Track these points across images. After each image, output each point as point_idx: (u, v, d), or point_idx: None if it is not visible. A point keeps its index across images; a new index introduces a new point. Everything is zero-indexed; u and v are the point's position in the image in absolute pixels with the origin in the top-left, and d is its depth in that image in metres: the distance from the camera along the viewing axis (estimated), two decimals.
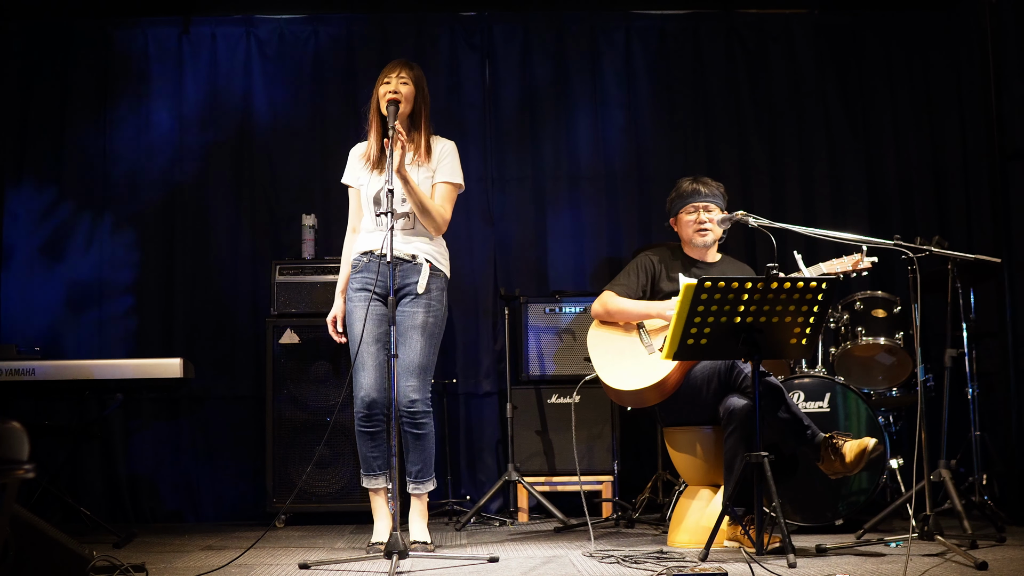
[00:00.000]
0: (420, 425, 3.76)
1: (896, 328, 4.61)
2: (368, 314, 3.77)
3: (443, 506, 5.04)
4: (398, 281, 3.78)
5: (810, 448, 3.67)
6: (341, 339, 3.93)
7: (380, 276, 3.73)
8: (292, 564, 3.45)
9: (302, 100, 5.56)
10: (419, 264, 3.81)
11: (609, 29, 5.67)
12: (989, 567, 3.08)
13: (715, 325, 3.37)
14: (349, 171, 3.99)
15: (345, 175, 3.99)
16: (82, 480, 5.19)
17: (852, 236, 3.74)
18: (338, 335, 3.94)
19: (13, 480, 2.20)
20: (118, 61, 5.49)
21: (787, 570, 3.11)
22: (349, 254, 3.96)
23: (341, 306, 3.94)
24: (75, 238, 5.38)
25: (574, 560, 3.47)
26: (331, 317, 3.96)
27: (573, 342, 5.04)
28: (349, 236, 4.00)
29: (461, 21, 5.65)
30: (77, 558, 2.59)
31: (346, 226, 4.01)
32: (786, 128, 5.66)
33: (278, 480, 4.84)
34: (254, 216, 5.47)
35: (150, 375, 4.35)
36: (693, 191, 4.11)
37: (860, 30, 5.73)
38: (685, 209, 4.12)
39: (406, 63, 3.90)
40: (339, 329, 3.94)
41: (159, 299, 5.38)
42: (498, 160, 5.59)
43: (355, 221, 3.98)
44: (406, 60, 3.93)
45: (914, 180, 5.64)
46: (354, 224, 3.99)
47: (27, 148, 5.40)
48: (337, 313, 3.94)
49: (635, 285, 4.09)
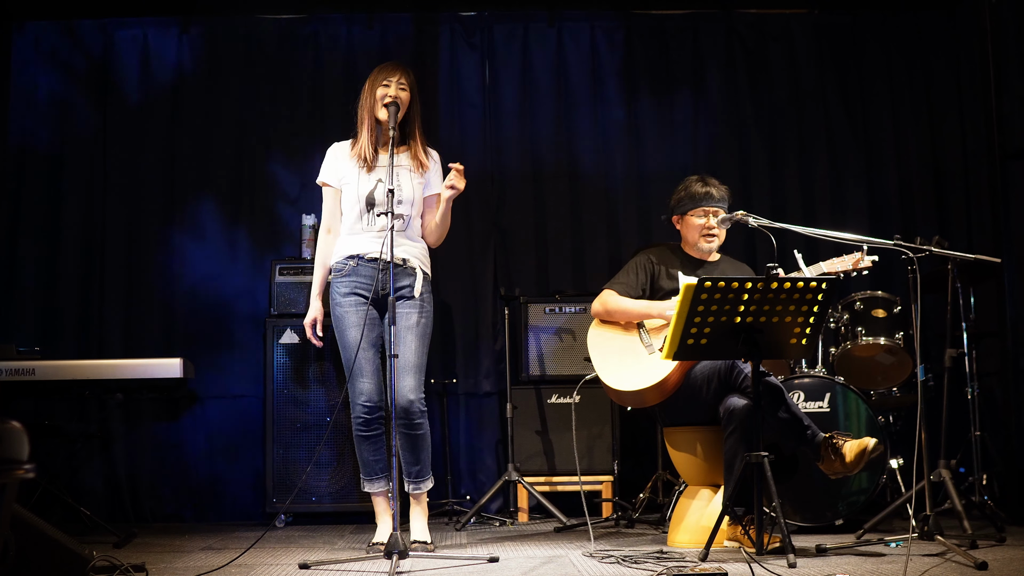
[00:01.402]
0: (418, 425, 3.76)
1: (896, 328, 4.61)
2: (359, 320, 3.75)
3: (443, 506, 5.04)
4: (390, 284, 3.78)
5: (810, 448, 3.67)
6: (319, 343, 3.91)
7: (372, 280, 3.73)
8: (292, 564, 3.45)
9: (302, 99, 5.56)
10: (410, 268, 3.81)
11: (609, 29, 5.67)
12: (989, 567, 3.08)
13: (715, 325, 3.37)
14: (330, 170, 3.93)
15: (325, 174, 3.93)
16: (82, 480, 5.19)
17: (852, 236, 3.74)
18: (317, 339, 3.91)
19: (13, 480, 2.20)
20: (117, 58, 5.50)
21: (787, 570, 3.11)
22: (326, 256, 3.91)
23: (320, 309, 3.90)
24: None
25: (574, 560, 3.47)
26: (309, 320, 3.91)
27: (573, 342, 5.04)
28: (324, 237, 3.94)
29: (461, 21, 5.65)
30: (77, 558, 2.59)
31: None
32: (786, 128, 5.66)
33: (278, 480, 4.84)
34: (254, 216, 5.47)
35: (150, 375, 4.36)
36: (705, 195, 4.08)
37: (860, 30, 5.73)
38: (694, 212, 4.10)
39: (403, 68, 3.90)
40: (318, 333, 3.90)
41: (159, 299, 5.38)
42: (498, 160, 5.58)
43: (331, 221, 3.93)
44: (402, 64, 3.93)
45: (914, 180, 5.63)
46: (329, 224, 3.93)
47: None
48: (317, 316, 3.90)
49: (635, 284, 4.09)
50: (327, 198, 3.94)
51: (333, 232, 3.93)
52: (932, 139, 5.66)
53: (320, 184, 3.96)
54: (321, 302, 3.91)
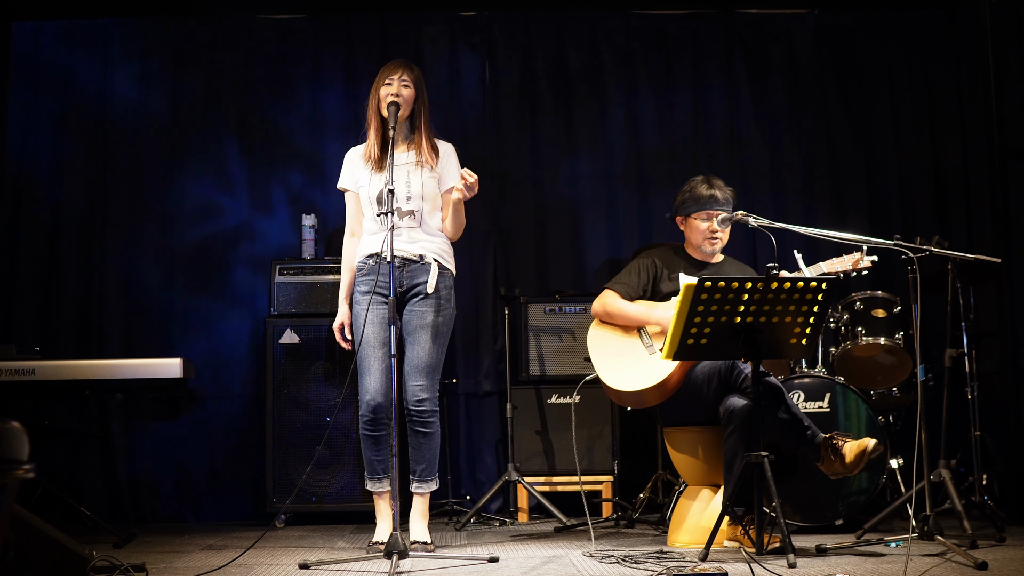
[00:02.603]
0: (428, 424, 3.77)
1: (896, 328, 4.61)
2: (373, 317, 3.76)
3: (443, 506, 5.04)
4: (406, 282, 3.79)
5: (810, 448, 3.67)
6: (348, 346, 3.93)
7: (383, 277, 3.73)
8: (292, 564, 3.45)
9: (302, 99, 5.56)
10: (427, 264, 3.81)
11: (609, 29, 5.66)
12: (989, 567, 3.08)
13: (715, 325, 3.37)
14: (347, 175, 3.96)
15: (343, 180, 3.97)
16: (82, 480, 5.19)
17: (852, 236, 3.74)
18: (346, 343, 3.93)
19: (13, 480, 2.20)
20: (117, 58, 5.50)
21: (787, 570, 3.11)
22: (351, 259, 3.94)
23: (347, 313, 3.92)
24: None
25: (574, 560, 3.47)
26: (337, 324, 3.94)
27: (573, 342, 5.04)
28: (348, 241, 3.98)
29: (461, 21, 5.65)
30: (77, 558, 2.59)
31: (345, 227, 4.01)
32: (786, 128, 5.66)
33: (278, 480, 4.84)
34: (254, 216, 5.47)
35: (150, 375, 4.36)
36: (710, 198, 4.06)
37: (860, 30, 5.73)
38: (699, 215, 4.08)
39: (407, 65, 3.90)
40: (347, 336, 3.92)
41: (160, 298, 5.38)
42: (498, 160, 5.58)
43: (354, 225, 3.97)
44: (406, 61, 3.93)
45: (914, 180, 5.63)
46: (352, 228, 3.97)
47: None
48: (344, 320, 3.93)
49: (636, 284, 4.09)
50: (349, 203, 3.98)
51: (357, 235, 3.95)
52: (932, 139, 5.66)
53: (340, 190, 4.00)
54: (348, 306, 3.92)
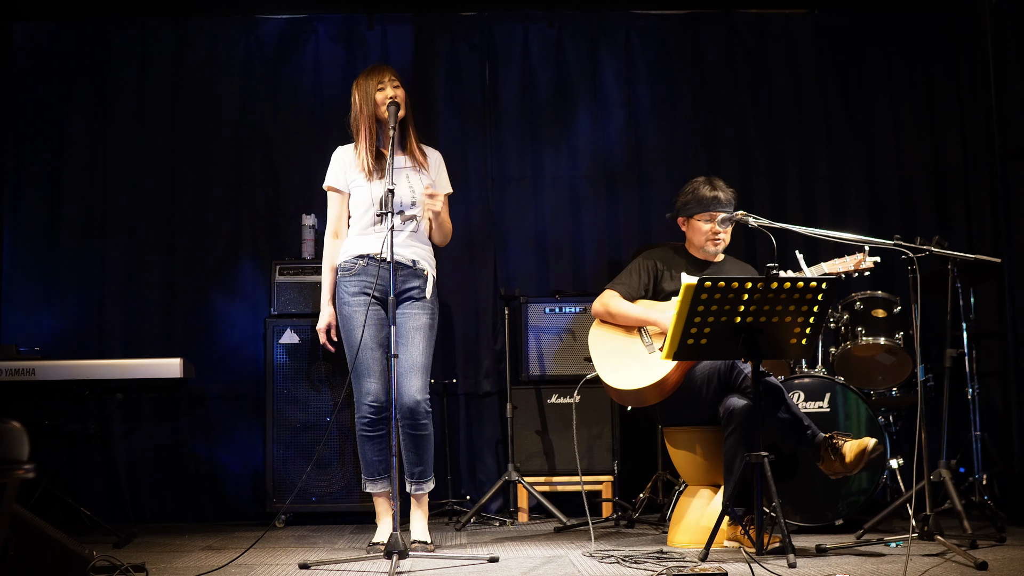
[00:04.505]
0: (423, 426, 3.77)
1: (896, 328, 4.61)
2: (369, 319, 3.75)
3: (443, 506, 5.04)
4: (399, 285, 3.78)
5: (810, 448, 3.67)
6: (333, 348, 3.89)
7: (382, 280, 3.72)
8: (292, 564, 3.45)
9: (302, 100, 5.56)
10: (420, 269, 3.81)
11: (609, 29, 5.66)
12: (989, 567, 3.08)
13: (715, 325, 3.37)
14: (338, 174, 3.91)
15: (331, 179, 3.92)
16: (82, 480, 5.19)
17: (852, 236, 3.74)
18: (331, 345, 3.89)
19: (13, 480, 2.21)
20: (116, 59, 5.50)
21: (787, 570, 3.11)
22: (334, 259, 3.89)
23: (332, 314, 3.87)
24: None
25: (574, 560, 3.47)
26: (322, 326, 3.89)
27: (573, 342, 5.04)
28: (330, 242, 3.92)
29: (461, 21, 5.65)
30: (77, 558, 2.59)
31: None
32: (786, 128, 5.66)
33: (278, 480, 4.84)
34: (254, 216, 5.47)
35: (150, 375, 4.37)
36: (713, 199, 4.05)
37: (860, 30, 5.73)
38: (701, 216, 4.07)
39: (388, 67, 3.92)
40: (333, 339, 3.88)
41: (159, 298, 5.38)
42: (498, 160, 5.58)
43: (338, 225, 3.92)
44: (384, 63, 3.94)
45: (914, 180, 5.63)
46: (336, 229, 3.92)
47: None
48: (330, 321, 3.88)
49: (637, 285, 4.09)
50: (332, 203, 3.93)
51: (339, 236, 3.92)
52: (932, 139, 5.65)
53: (326, 189, 3.95)
54: (333, 307, 3.89)
